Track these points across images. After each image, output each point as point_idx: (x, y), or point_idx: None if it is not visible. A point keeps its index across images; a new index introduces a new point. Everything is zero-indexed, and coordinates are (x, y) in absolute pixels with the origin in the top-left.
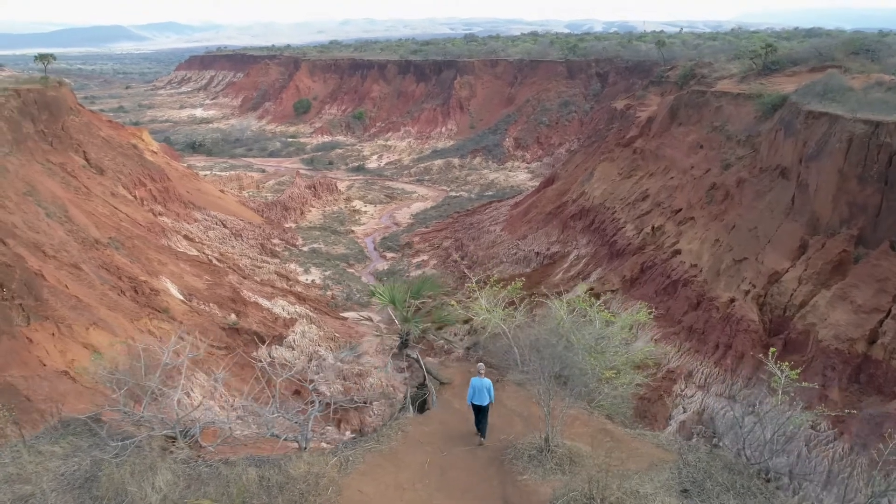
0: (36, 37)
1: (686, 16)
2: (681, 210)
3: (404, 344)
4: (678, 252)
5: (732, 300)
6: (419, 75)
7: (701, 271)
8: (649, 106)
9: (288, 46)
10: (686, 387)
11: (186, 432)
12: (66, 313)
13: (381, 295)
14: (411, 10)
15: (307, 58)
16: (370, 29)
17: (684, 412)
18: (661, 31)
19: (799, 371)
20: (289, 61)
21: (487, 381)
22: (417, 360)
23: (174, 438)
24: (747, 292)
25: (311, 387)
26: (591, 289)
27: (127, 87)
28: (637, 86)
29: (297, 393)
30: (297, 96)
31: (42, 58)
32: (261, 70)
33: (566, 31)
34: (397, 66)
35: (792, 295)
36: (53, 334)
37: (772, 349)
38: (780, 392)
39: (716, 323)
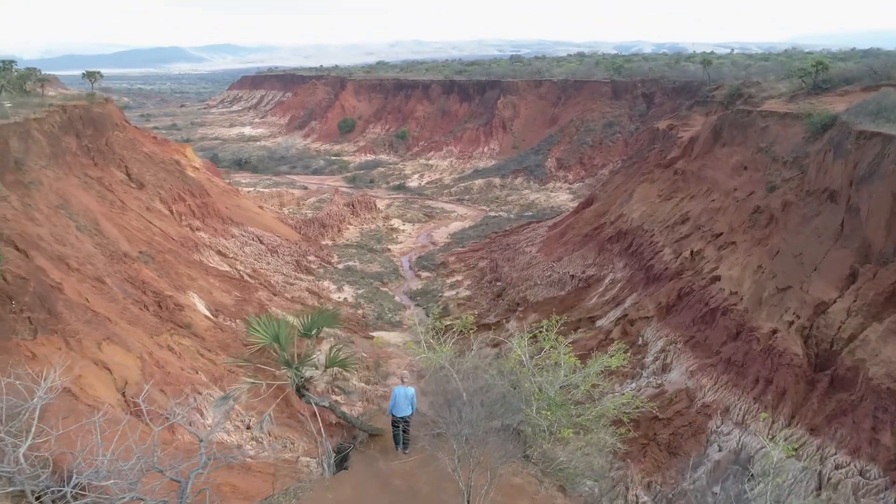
0: (100, 58)
1: (738, 38)
2: (722, 234)
3: (299, 391)
4: (718, 278)
5: (775, 331)
6: (463, 95)
7: (741, 299)
8: (693, 126)
9: (335, 67)
10: (722, 423)
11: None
12: (80, 327)
13: (259, 331)
14: (460, 32)
15: (353, 78)
16: (418, 50)
17: (720, 451)
18: (712, 53)
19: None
20: (335, 81)
21: (411, 391)
22: (331, 409)
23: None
24: (791, 323)
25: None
26: (626, 315)
27: (181, 106)
28: (684, 107)
29: (314, 415)
30: (342, 115)
31: (89, 75)
32: (308, 90)
33: (614, 52)
34: (441, 86)
35: (840, 328)
36: (60, 349)
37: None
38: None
39: (756, 355)
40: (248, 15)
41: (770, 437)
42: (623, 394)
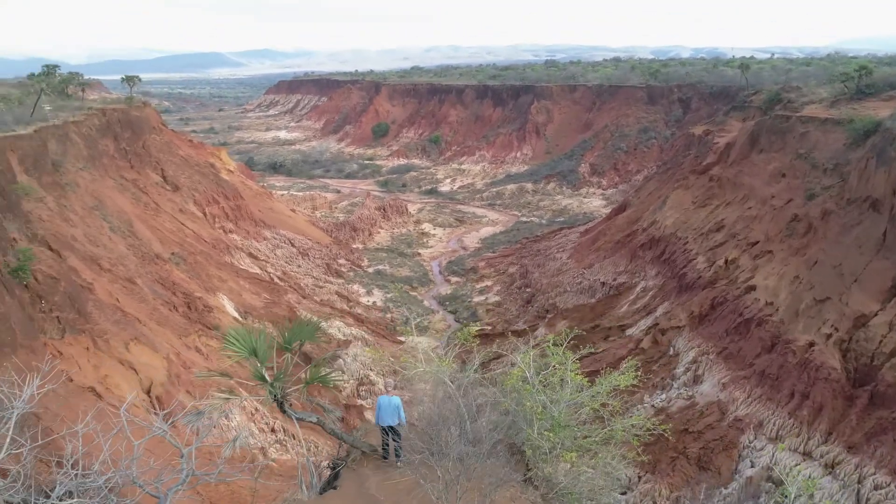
0: (143, 63)
1: (780, 42)
2: (758, 243)
3: (281, 406)
4: (753, 288)
5: (811, 344)
6: (496, 100)
7: (777, 310)
8: (729, 132)
9: (371, 71)
10: (755, 438)
11: None
12: (108, 327)
13: (236, 343)
14: (496, 37)
15: (387, 82)
16: (454, 56)
17: (752, 466)
18: (751, 57)
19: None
20: (370, 86)
21: (396, 400)
22: (319, 424)
23: None
24: (829, 336)
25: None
26: (657, 324)
27: (220, 110)
28: (721, 112)
29: (339, 419)
30: (376, 120)
31: (128, 79)
32: (343, 94)
33: (651, 57)
34: (475, 91)
35: (881, 342)
36: (88, 348)
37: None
38: None
39: (792, 369)
40: (288, 22)
41: (806, 453)
42: (634, 414)
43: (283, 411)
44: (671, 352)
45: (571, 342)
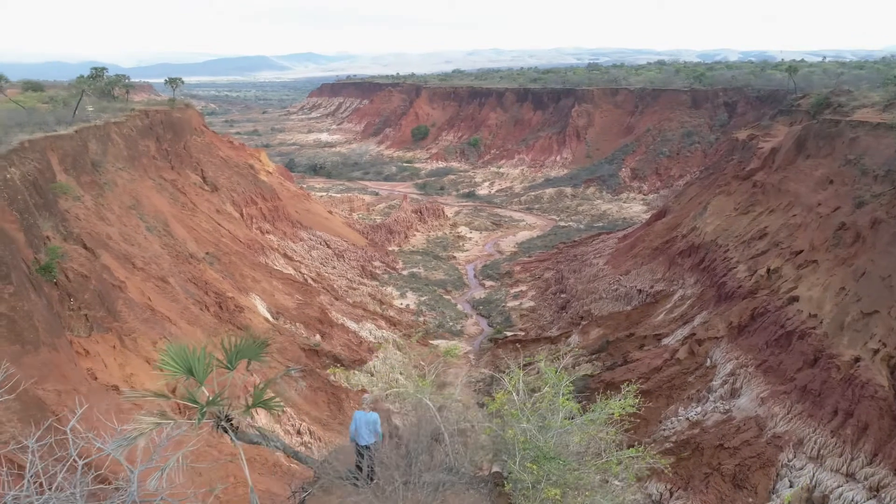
0: (191, 66)
1: (832, 45)
2: (802, 252)
3: (225, 429)
4: (795, 299)
5: (857, 359)
6: (537, 103)
7: (821, 323)
8: (775, 136)
9: (412, 75)
10: (795, 457)
11: None
12: (136, 325)
13: (170, 361)
14: (538, 40)
15: (428, 85)
16: (496, 59)
17: (790, 486)
18: (801, 61)
19: None
20: (411, 89)
21: (373, 416)
22: (282, 449)
23: None
24: (876, 351)
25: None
26: (694, 334)
27: (264, 112)
28: (767, 116)
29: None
30: (416, 122)
31: (171, 81)
32: (384, 97)
33: (697, 60)
34: (515, 94)
35: None
36: (115, 346)
37: None
38: None
39: (835, 384)
40: (332, 29)
41: (849, 475)
42: (632, 446)
43: (227, 432)
44: (708, 363)
45: (604, 351)
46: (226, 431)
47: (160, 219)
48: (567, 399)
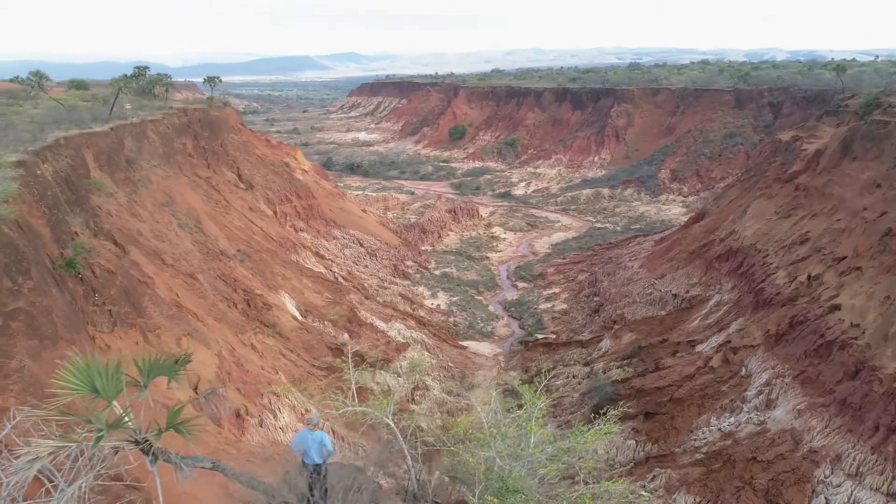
0: (234, 66)
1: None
2: (845, 258)
3: (146, 451)
4: (837, 307)
5: None
6: (575, 103)
7: (863, 333)
8: (820, 138)
9: (451, 74)
10: (832, 473)
11: None
12: (161, 322)
13: (72, 378)
14: (579, 40)
15: (466, 85)
16: (536, 59)
17: None
18: (853, 60)
19: None
20: (449, 88)
21: (320, 434)
22: (220, 469)
23: None
24: None
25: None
26: (729, 341)
27: (304, 111)
28: (813, 117)
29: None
30: (454, 122)
31: (209, 80)
32: (422, 96)
33: (743, 60)
34: (554, 94)
35: None
36: (138, 342)
37: None
38: None
39: (877, 398)
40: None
41: (890, 494)
42: (609, 480)
43: (149, 457)
44: (743, 372)
45: (636, 357)
46: (145, 454)
47: (192, 215)
48: (537, 425)
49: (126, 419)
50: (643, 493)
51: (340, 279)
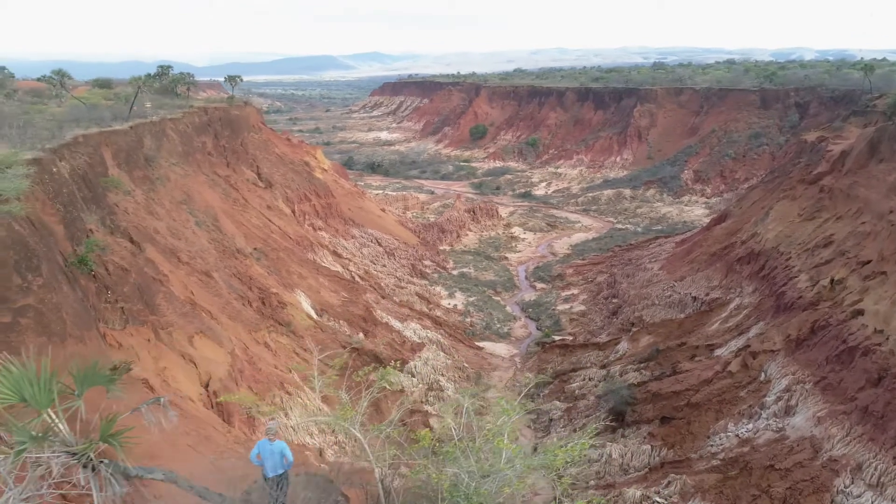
0: (259, 65)
1: None
2: (870, 262)
3: (85, 465)
4: (860, 313)
5: None
6: (598, 103)
7: (887, 339)
8: (846, 139)
9: (472, 74)
10: (852, 483)
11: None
12: (174, 319)
13: (1, 385)
14: (603, 39)
15: (488, 84)
16: (560, 58)
17: None
18: (883, 59)
19: None
20: (470, 88)
21: (279, 444)
22: (172, 481)
23: None
24: None
25: None
26: (748, 346)
27: (326, 111)
28: (840, 118)
29: (402, 424)
30: (475, 122)
31: (230, 79)
32: (444, 96)
33: (769, 59)
34: (576, 94)
35: None
36: (149, 340)
37: None
38: None
39: None
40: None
41: None
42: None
43: (87, 469)
44: (762, 377)
45: (653, 360)
46: (84, 468)
47: (210, 214)
48: (506, 440)
49: (58, 429)
50: (658, 499)
51: (357, 278)
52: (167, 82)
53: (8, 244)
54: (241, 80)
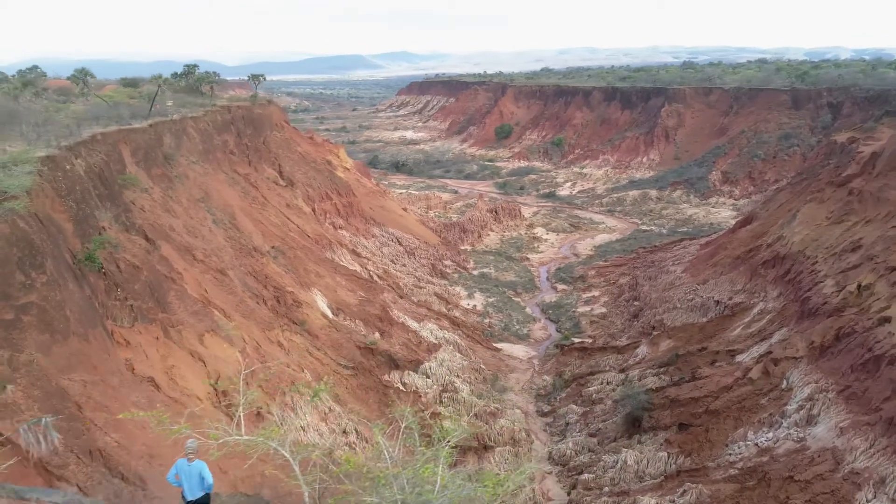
0: (289, 64)
1: None
2: None
3: None
4: (887, 320)
5: None
6: (625, 103)
7: None
8: (878, 140)
9: (499, 73)
10: (874, 497)
11: None
12: (185, 318)
13: None
14: (634, 38)
15: (513, 84)
16: (589, 58)
17: None
18: None
19: None
20: (496, 87)
21: (199, 465)
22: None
23: None
24: None
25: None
26: (770, 352)
27: (353, 110)
28: (872, 118)
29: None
30: (500, 121)
31: (253, 78)
32: (470, 95)
33: (803, 59)
34: (603, 93)
35: None
36: (158, 338)
37: None
38: None
39: None
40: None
41: None
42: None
43: None
44: (784, 385)
45: (672, 365)
46: None
47: (228, 212)
48: (427, 468)
49: None
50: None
51: (375, 277)
52: (192, 81)
53: (12, 241)
54: (265, 78)
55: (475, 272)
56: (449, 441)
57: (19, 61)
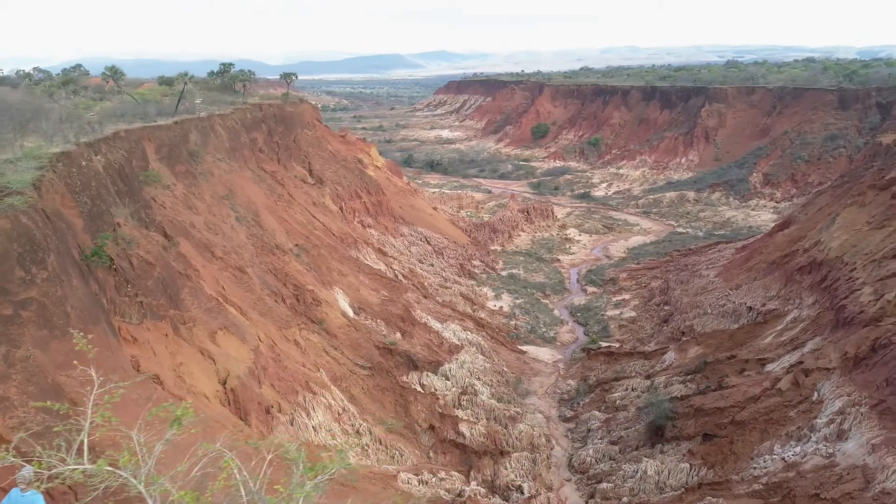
0: (330, 64)
1: None
2: None
3: None
4: None
5: None
6: (664, 102)
7: None
8: None
9: (537, 72)
10: None
11: None
12: (197, 315)
13: None
14: (677, 37)
15: (551, 83)
16: (631, 57)
17: None
18: None
19: None
20: (533, 86)
21: (33, 496)
22: None
23: None
24: None
25: None
26: (801, 362)
27: (391, 109)
28: None
29: (431, 428)
30: (537, 120)
31: (286, 76)
32: (506, 94)
33: (854, 57)
34: (641, 93)
35: None
36: (167, 335)
37: None
38: None
39: None
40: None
41: None
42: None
43: None
44: (814, 397)
45: (700, 372)
46: None
47: (252, 209)
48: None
49: None
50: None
51: (400, 277)
52: (226, 79)
53: (12, 237)
54: (297, 77)
55: (504, 273)
56: (312, 483)
57: (66, 60)
